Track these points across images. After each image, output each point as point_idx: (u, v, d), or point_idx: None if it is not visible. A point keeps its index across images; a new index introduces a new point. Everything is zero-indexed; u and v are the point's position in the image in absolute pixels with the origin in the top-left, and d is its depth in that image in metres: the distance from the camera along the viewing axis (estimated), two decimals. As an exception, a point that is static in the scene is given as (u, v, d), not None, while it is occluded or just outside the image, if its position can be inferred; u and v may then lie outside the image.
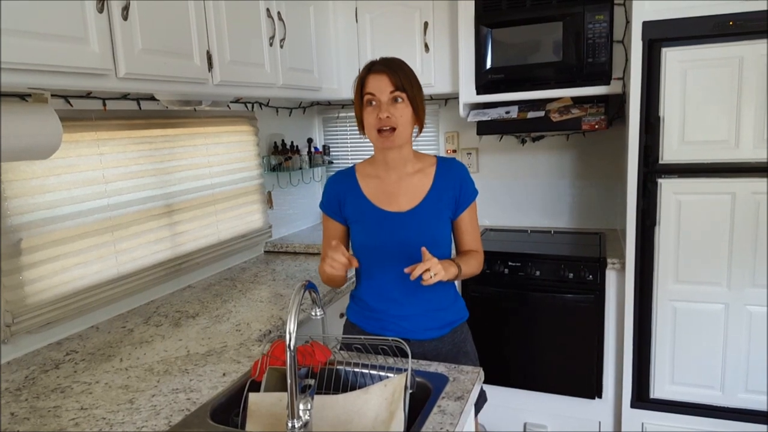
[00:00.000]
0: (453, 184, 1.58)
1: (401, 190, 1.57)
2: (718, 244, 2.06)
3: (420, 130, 1.57)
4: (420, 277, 1.36)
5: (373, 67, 1.49)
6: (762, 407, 2.11)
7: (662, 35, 2.02)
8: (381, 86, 1.46)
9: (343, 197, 1.59)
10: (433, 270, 1.36)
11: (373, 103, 1.47)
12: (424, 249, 1.40)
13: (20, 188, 1.68)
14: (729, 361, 2.13)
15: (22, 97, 1.64)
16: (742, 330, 2.09)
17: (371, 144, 1.56)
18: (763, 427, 2.12)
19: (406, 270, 1.38)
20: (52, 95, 1.69)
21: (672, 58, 2.02)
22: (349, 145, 3.47)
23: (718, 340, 2.13)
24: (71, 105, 1.85)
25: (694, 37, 1.98)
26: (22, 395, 1.43)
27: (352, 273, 1.70)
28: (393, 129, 1.46)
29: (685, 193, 2.08)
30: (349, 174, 1.62)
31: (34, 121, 1.46)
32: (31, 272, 1.72)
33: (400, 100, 1.47)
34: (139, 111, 2.12)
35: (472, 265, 1.59)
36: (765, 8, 1.88)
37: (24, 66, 1.28)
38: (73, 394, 1.42)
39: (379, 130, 1.47)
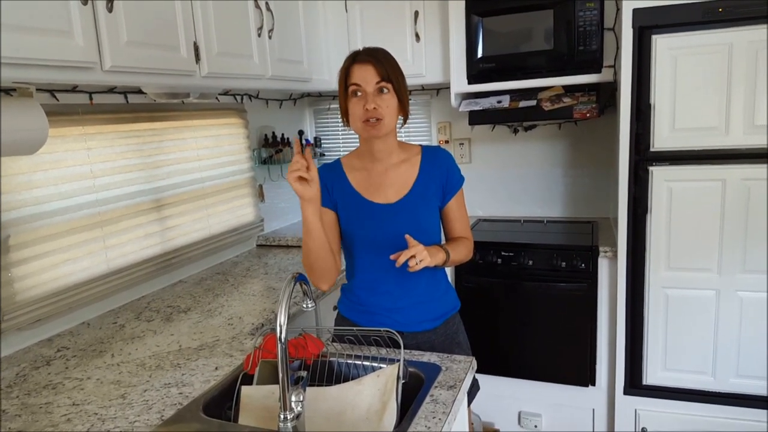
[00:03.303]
0: (439, 173, 1.57)
1: (388, 181, 1.56)
2: (708, 230, 2.07)
3: (405, 121, 1.56)
4: (407, 266, 1.36)
5: (358, 57, 1.47)
6: (753, 391, 2.13)
7: (652, 22, 2.02)
8: (366, 77, 1.44)
9: (331, 187, 1.57)
10: (418, 256, 1.36)
11: (359, 93, 1.45)
12: (407, 236, 1.40)
13: (6, 184, 1.66)
14: (720, 346, 2.14)
15: (7, 91, 1.62)
16: (733, 316, 2.10)
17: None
18: (754, 410, 2.13)
19: (392, 257, 1.38)
20: (37, 89, 1.66)
21: (662, 45, 2.01)
22: (340, 136, 3.45)
23: (709, 326, 2.14)
24: (57, 99, 1.83)
25: (683, 24, 1.98)
26: (13, 392, 1.42)
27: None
28: (378, 119, 1.45)
29: (676, 180, 2.08)
30: (336, 167, 1.61)
31: (19, 116, 1.44)
32: (20, 269, 1.71)
33: (386, 90, 1.45)
34: (126, 104, 2.09)
35: (461, 252, 1.57)
36: (754, -6, 1.88)
37: (8, 60, 1.26)
38: (65, 391, 1.41)
39: (365, 120, 1.46)
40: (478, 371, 1.47)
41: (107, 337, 1.77)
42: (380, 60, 1.45)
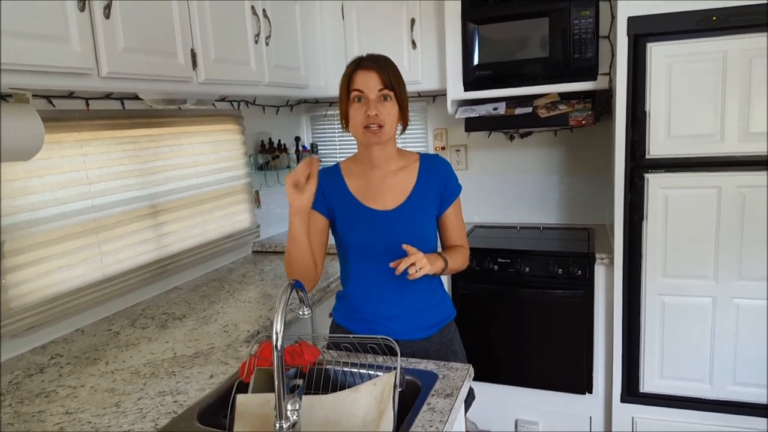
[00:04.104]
0: (437, 181, 1.57)
1: (386, 188, 1.56)
2: (704, 237, 2.07)
3: (404, 129, 1.56)
4: (406, 274, 1.36)
5: (362, 63, 1.47)
6: (750, 399, 2.12)
7: (647, 30, 2.03)
8: (370, 83, 1.44)
9: (328, 192, 1.57)
10: (418, 264, 1.36)
11: (361, 99, 1.45)
12: (406, 245, 1.39)
13: (2, 190, 1.65)
14: (717, 354, 2.14)
15: (3, 97, 1.60)
16: (729, 323, 2.10)
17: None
18: (752, 418, 2.13)
19: (392, 265, 1.38)
20: (33, 95, 1.66)
21: (657, 53, 2.02)
22: (337, 143, 3.45)
23: (706, 333, 2.14)
24: (53, 105, 1.82)
25: (678, 32, 1.99)
26: (5, 400, 1.41)
27: (336, 277, 1.69)
28: (380, 126, 1.45)
29: (672, 187, 2.09)
30: (335, 171, 1.61)
31: (15, 122, 1.43)
32: (15, 275, 1.70)
33: (388, 98, 1.45)
34: (122, 110, 2.09)
35: (458, 260, 1.57)
36: (747, 3, 1.89)
37: (4, 66, 1.25)
38: (58, 399, 1.40)
39: (366, 126, 1.46)
40: (474, 378, 1.46)
41: (101, 344, 1.75)
42: (384, 67, 1.45)
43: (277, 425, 1.05)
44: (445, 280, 2.58)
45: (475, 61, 2.55)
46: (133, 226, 2.13)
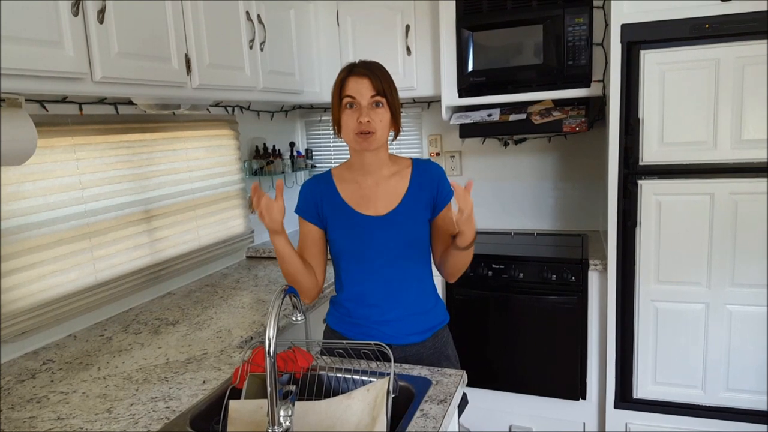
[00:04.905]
0: (430, 186, 1.57)
1: (379, 194, 1.55)
2: (697, 244, 2.08)
3: (396, 135, 1.57)
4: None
5: (354, 70, 1.47)
6: (743, 405, 2.13)
7: (640, 38, 2.04)
8: (362, 90, 1.44)
9: (320, 201, 1.57)
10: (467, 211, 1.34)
11: (353, 105, 1.46)
12: (456, 186, 1.35)
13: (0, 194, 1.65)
14: (710, 360, 2.15)
15: (-4, 101, 1.60)
16: (722, 329, 2.11)
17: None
18: (744, 425, 2.14)
19: (459, 202, 1.34)
20: (26, 100, 1.66)
21: (650, 60, 2.04)
22: (332, 148, 3.46)
23: (699, 339, 2.15)
24: (46, 110, 1.82)
25: (671, 40, 2.01)
26: (-5, 407, 1.40)
27: (330, 282, 1.69)
28: (371, 132, 1.45)
29: (665, 194, 2.10)
30: (326, 178, 1.61)
31: (7, 126, 1.43)
32: (6, 280, 1.68)
33: (380, 105, 1.46)
34: (116, 115, 2.08)
35: (470, 255, 1.55)
36: (739, 11, 1.91)
37: (-3, 70, 1.25)
38: (50, 404, 1.39)
39: (358, 133, 1.46)
40: (468, 384, 1.46)
41: (94, 349, 1.74)
42: (376, 74, 1.45)
43: (270, 431, 1.04)
44: (439, 285, 2.58)
45: (470, 68, 2.56)
46: (127, 231, 2.12)
